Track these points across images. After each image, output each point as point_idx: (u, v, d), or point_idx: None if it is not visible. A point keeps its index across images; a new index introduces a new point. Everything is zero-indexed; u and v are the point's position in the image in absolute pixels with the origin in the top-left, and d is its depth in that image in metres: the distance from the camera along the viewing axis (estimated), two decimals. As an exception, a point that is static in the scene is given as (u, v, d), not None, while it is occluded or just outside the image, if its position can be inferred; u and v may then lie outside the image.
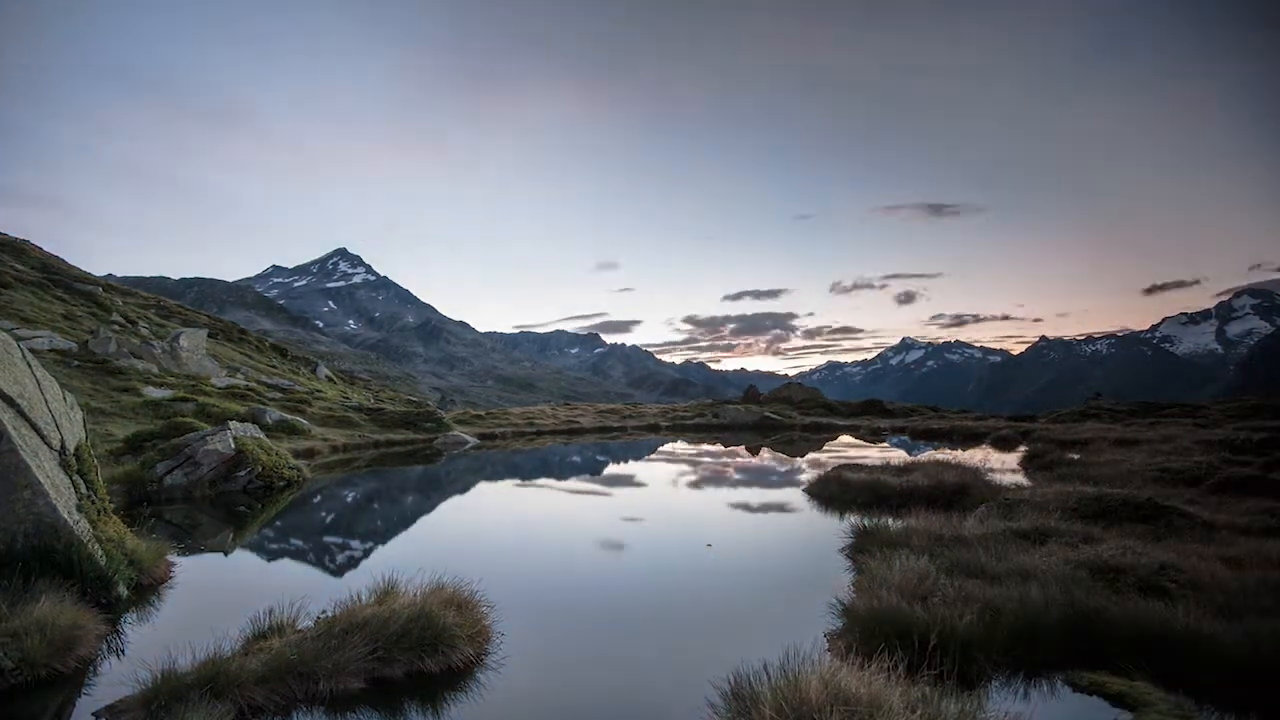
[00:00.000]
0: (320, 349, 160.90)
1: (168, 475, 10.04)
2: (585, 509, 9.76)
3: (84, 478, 5.85)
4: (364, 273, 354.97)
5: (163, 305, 39.83)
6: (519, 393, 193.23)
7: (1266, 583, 4.30)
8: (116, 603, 5.01)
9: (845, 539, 6.79)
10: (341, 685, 3.59)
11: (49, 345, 19.54)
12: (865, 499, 9.25)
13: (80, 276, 34.63)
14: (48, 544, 4.83)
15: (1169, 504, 6.88)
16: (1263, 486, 8.57)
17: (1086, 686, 3.56)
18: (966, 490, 8.89)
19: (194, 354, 24.90)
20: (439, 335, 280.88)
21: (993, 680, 3.67)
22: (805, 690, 2.83)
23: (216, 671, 3.43)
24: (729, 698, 3.12)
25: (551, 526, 8.47)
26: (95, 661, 4.11)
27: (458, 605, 4.28)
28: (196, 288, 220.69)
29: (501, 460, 17.56)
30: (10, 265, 29.88)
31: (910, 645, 3.61)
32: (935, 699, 2.91)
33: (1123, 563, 4.86)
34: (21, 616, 3.96)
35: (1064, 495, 7.38)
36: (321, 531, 8.54)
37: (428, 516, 9.82)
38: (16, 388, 5.44)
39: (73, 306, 27.96)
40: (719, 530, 7.95)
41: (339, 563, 6.95)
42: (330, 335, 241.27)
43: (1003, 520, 6.57)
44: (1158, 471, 9.85)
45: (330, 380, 36.98)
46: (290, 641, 3.77)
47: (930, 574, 4.58)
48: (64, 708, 3.58)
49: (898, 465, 10.95)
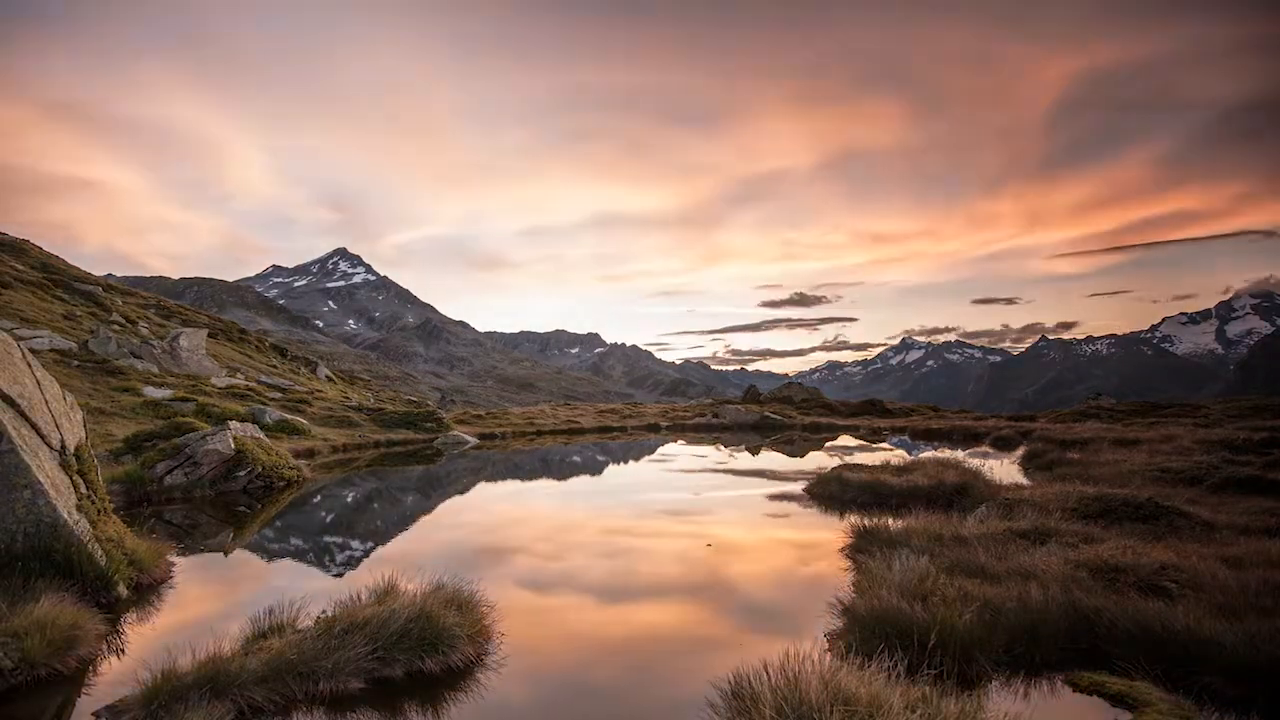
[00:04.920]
0: (320, 349, 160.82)
1: (167, 475, 10.04)
2: (585, 509, 9.76)
3: (84, 477, 5.85)
4: (364, 272, 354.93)
5: (163, 305, 39.81)
6: (519, 393, 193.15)
7: (1266, 583, 4.29)
8: (116, 602, 5.00)
9: (845, 539, 6.78)
10: (341, 685, 3.59)
11: (49, 345, 19.54)
12: (865, 499, 9.25)
13: (80, 276, 34.62)
14: (48, 544, 4.83)
15: (1169, 504, 6.87)
16: (1263, 486, 8.57)
17: (1086, 686, 3.56)
18: (966, 490, 8.89)
19: (194, 354, 24.90)
20: (439, 335, 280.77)
21: (993, 680, 3.66)
22: (805, 690, 2.82)
23: (216, 671, 3.42)
24: (729, 698, 3.11)
25: (551, 526, 8.47)
26: (95, 661, 4.11)
27: (457, 605, 4.27)
28: (196, 288, 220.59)
29: (501, 460, 17.56)
30: (10, 265, 29.87)
31: (910, 645, 3.60)
32: (935, 699, 2.91)
33: (1123, 562, 4.85)
34: (21, 616, 3.95)
35: (1064, 495, 7.38)
36: (321, 531, 8.54)
37: (428, 516, 9.82)
38: (16, 388, 5.44)
39: (73, 306, 27.95)
40: (719, 530, 7.95)
41: (339, 563, 6.95)
42: (330, 335, 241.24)
43: (1003, 520, 6.57)
44: (1158, 471, 9.85)
45: (330, 380, 36.97)
46: (290, 641, 3.77)
47: (930, 574, 4.57)
48: (64, 707, 3.58)
49: (898, 465, 10.94)
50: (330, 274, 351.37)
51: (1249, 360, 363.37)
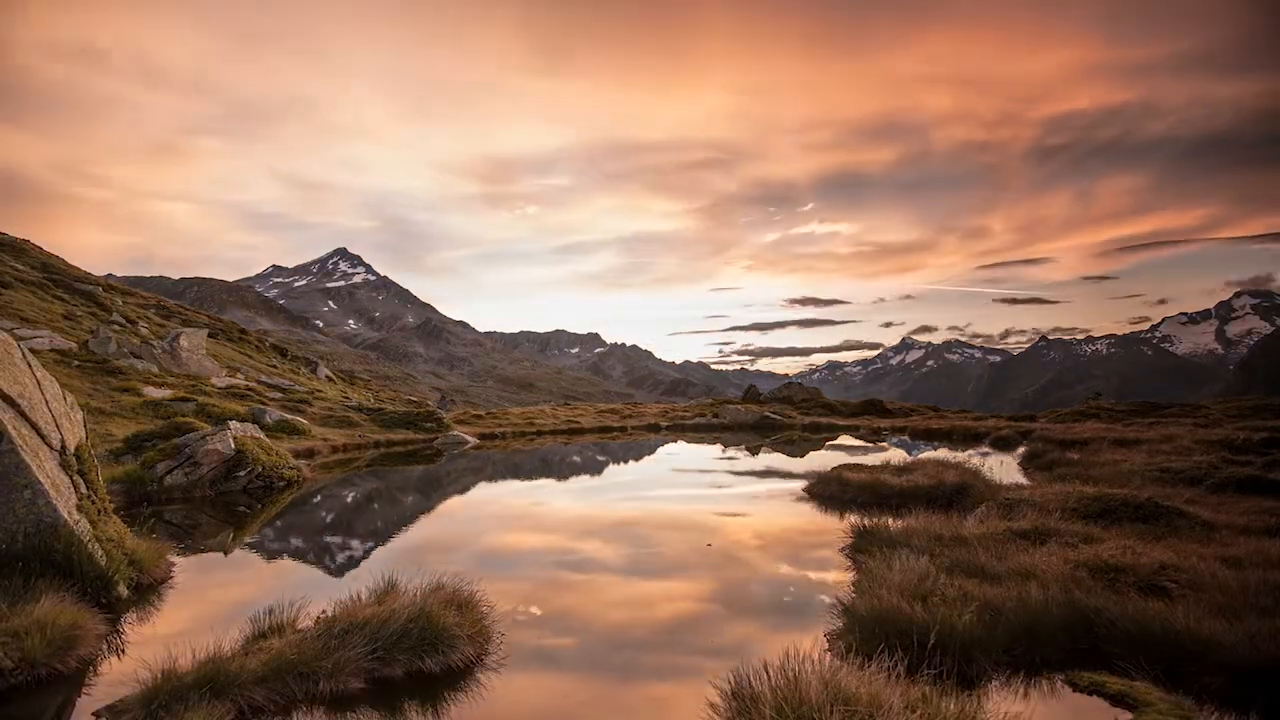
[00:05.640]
0: (320, 349, 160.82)
1: (168, 475, 10.04)
2: (585, 509, 9.76)
3: (84, 478, 5.85)
4: (364, 272, 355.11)
5: (163, 305, 39.82)
6: (519, 393, 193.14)
7: (1266, 583, 4.29)
8: (116, 602, 5.00)
9: (845, 539, 6.79)
10: (341, 685, 3.59)
11: (49, 345, 19.54)
12: (865, 499, 9.25)
13: (80, 276, 34.63)
14: (48, 544, 4.83)
15: (1169, 504, 6.87)
16: (1263, 486, 8.57)
17: (1086, 686, 3.56)
18: (966, 490, 8.89)
19: (194, 354, 24.90)
20: (439, 335, 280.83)
21: (993, 680, 3.67)
22: (805, 690, 2.83)
23: (216, 671, 3.43)
24: (729, 698, 3.11)
25: (551, 526, 8.47)
26: (95, 661, 4.11)
27: (457, 605, 4.28)
28: (196, 288, 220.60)
29: (501, 460, 17.56)
30: (10, 265, 29.88)
31: (910, 645, 3.60)
32: (935, 699, 2.91)
33: (1123, 562, 4.86)
34: (21, 616, 3.96)
35: (1064, 495, 7.38)
36: (321, 531, 8.54)
37: (428, 516, 9.82)
38: (16, 388, 5.44)
39: (73, 306, 27.96)
40: (719, 529, 7.95)
41: (339, 563, 6.95)
42: (330, 335, 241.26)
43: (1002, 520, 6.57)
44: (1158, 471, 9.85)
45: (330, 380, 36.98)
46: (290, 641, 3.78)
47: (930, 574, 4.58)
48: (64, 707, 3.58)
49: (898, 465, 10.94)
50: (330, 274, 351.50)
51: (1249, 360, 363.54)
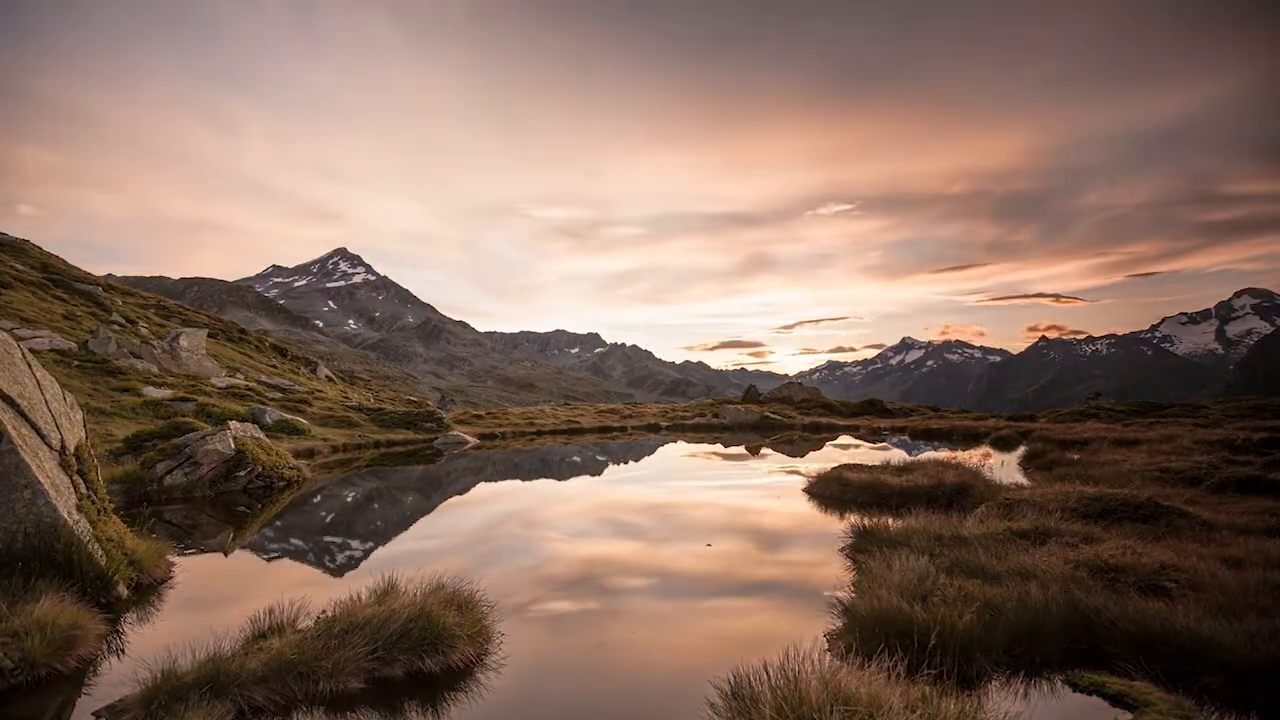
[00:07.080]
0: (320, 349, 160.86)
1: (168, 475, 10.04)
2: (584, 509, 9.76)
3: (84, 478, 5.85)
4: (364, 272, 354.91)
5: (163, 305, 39.80)
6: (519, 393, 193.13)
7: (1266, 583, 4.29)
8: (116, 602, 5.01)
9: (845, 539, 6.78)
10: (341, 685, 3.59)
11: (49, 345, 19.54)
12: (865, 499, 9.25)
13: (80, 276, 34.61)
14: (48, 544, 4.83)
15: (1169, 504, 6.87)
16: (1263, 486, 8.57)
17: (1086, 686, 3.56)
18: (966, 490, 8.89)
19: (194, 354, 24.90)
20: (439, 335, 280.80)
21: (993, 680, 3.66)
22: (805, 690, 2.83)
23: (216, 671, 3.43)
24: (729, 698, 3.11)
25: (551, 526, 8.47)
26: (95, 661, 4.11)
27: (457, 605, 4.28)
28: (196, 288, 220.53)
29: (501, 460, 17.56)
30: (10, 265, 29.87)
31: (910, 645, 3.60)
32: (935, 699, 2.91)
33: (1123, 562, 4.86)
34: (21, 616, 3.96)
35: (1064, 495, 7.38)
36: (321, 531, 8.54)
37: (428, 516, 9.82)
38: (16, 388, 5.44)
39: (73, 306, 27.95)
40: (719, 529, 7.95)
41: (339, 563, 6.95)
42: (330, 335, 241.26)
43: (1002, 520, 6.57)
44: (1158, 471, 9.85)
45: (330, 380, 36.97)
46: (290, 641, 3.77)
47: (930, 574, 4.58)
48: (64, 707, 3.58)
49: (898, 465, 10.94)
50: (330, 274, 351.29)
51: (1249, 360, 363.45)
